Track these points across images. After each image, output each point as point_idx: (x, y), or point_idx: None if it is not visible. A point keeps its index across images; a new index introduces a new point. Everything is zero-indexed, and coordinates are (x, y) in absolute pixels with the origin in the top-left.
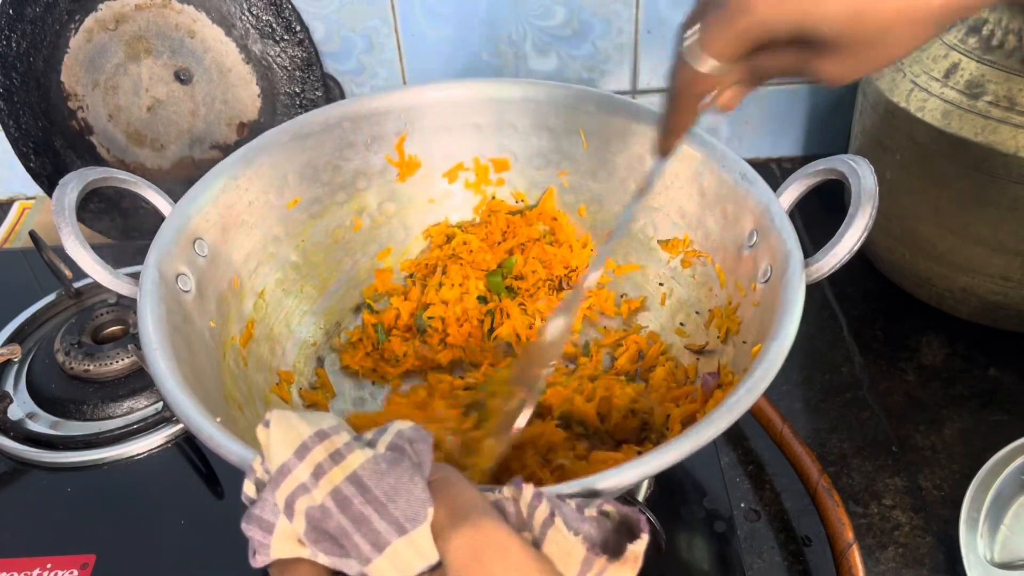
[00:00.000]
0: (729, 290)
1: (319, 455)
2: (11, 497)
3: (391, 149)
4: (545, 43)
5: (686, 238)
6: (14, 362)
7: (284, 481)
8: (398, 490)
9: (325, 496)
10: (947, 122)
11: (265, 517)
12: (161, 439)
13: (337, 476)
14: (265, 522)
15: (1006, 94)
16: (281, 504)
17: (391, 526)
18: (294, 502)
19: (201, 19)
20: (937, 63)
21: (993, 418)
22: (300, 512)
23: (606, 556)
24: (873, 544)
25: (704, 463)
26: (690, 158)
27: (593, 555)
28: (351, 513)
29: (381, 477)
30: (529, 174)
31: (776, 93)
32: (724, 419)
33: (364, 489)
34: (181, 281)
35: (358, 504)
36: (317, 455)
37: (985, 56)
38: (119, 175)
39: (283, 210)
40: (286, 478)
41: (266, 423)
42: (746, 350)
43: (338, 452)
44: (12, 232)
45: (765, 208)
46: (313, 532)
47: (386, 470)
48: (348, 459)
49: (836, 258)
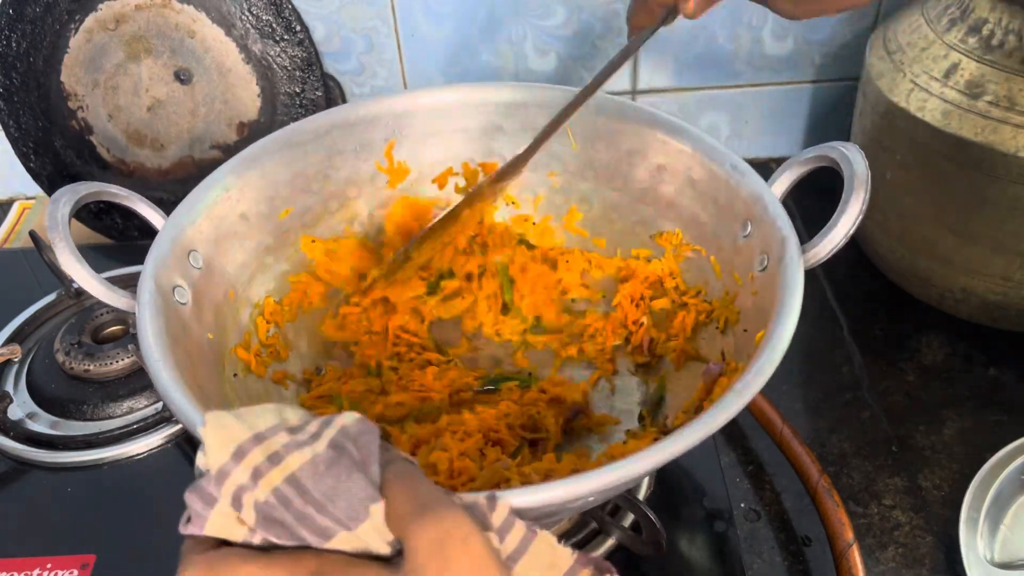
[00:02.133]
0: (725, 281)
1: (256, 458)
2: (11, 497)
3: (380, 156)
4: (545, 43)
5: (679, 232)
6: (14, 362)
7: (225, 482)
8: (337, 491)
9: (267, 494)
10: (947, 122)
11: (209, 490)
12: (161, 439)
13: (276, 477)
14: (207, 495)
15: (1006, 94)
16: (228, 501)
17: (334, 523)
18: (240, 497)
19: (201, 19)
20: (937, 63)
21: (993, 418)
22: (248, 505)
23: (591, 568)
24: (873, 544)
25: (704, 463)
26: (679, 152)
27: (580, 566)
28: (293, 511)
29: (320, 479)
30: (519, 176)
31: (776, 93)
32: (735, 404)
33: (302, 490)
34: (178, 293)
35: (298, 505)
36: (254, 458)
37: (985, 56)
38: (112, 189)
39: (275, 220)
40: (226, 480)
41: (203, 423)
42: (748, 338)
43: (276, 454)
44: (12, 232)
45: (758, 197)
46: (264, 520)
47: (324, 472)
48: (287, 460)
49: (832, 243)
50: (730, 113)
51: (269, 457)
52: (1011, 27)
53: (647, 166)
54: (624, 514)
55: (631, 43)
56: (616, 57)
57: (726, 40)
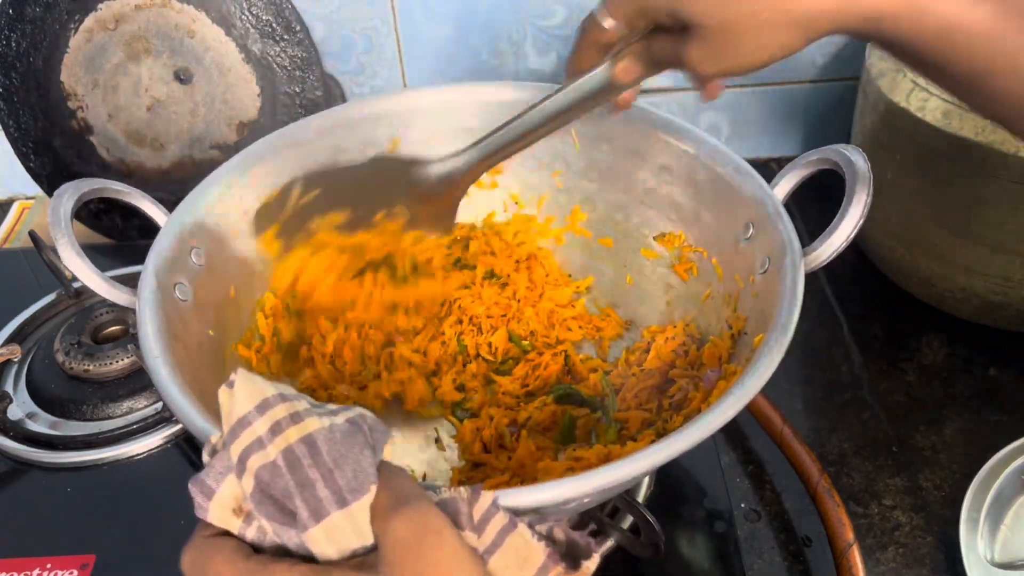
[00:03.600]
0: (727, 283)
1: (280, 412)
2: (11, 497)
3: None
4: (545, 43)
5: (681, 234)
6: (14, 362)
7: (243, 433)
8: (347, 457)
9: (278, 453)
10: (947, 122)
11: (208, 483)
12: (161, 439)
13: (293, 435)
14: (207, 487)
15: None
16: (235, 458)
17: (333, 495)
18: (248, 458)
19: (201, 19)
20: None
21: (993, 418)
22: (251, 470)
23: (564, 565)
24: (873, 544)
25: (704, 463)
26: (682, 154)
27: (552, 562)
28: (298, 475)
29: (333, 443)
30: (522, 176)
31: (776, 93)
32: (732, 408)
33: (315, 451)
34: (179, 290)
35: (306, 466)
36: (278, 412)
37: None
38: (114, 186)
39: None
40: (245, 430)
41: (230, 383)
42: (746, 342)
43: (297, 414)
44: (12, 232)
45: (760, 200)
46: (259, 494)
47: (339, 439)
48: (306, 421)
49: (833, 246)
50: (730, 113)
51: (291, 415)
52: None
53: (650, 167)
54: (623, 515)
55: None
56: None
57: None
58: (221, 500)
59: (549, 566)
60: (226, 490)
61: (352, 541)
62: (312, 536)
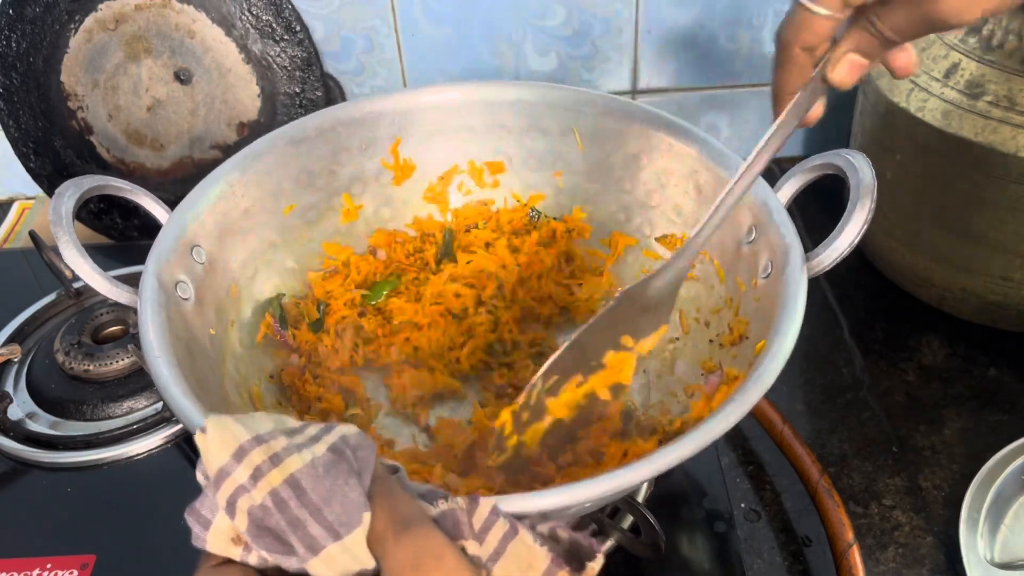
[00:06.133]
0: (728, 286)
1: (257, 457)
2: (11, 497)
3: (386, 153)
4: (545, 43)
5: (683, 236)
6: (14, 362)
7: (224, 483)
8: (333, 493)
9: (264, 496)
10: (947, 122)
11: (204, 513)
12: (161, 439)
13: (276, 478)
14: (203, 518)
15: (1006, 94)
16: (223, 504)
17: (326, 531)
18: (236, 501)
19: (201, 19)
20: (937, 63)
21: (993, 418)
22: (242, 510)
23: (568, 568)
24: (873, 544)
25: (704, 463)
26: (685, 155)
27: (556, 566)
28: (288, 516)
29: (317, 480)
30: (524, 176)
31: None
32: (734, 414)
33: (300, 492)
34: (180, 289)
35: (293, 507)
36: (255, 458)
37: (985, 56)
38: (115, 183)
39: (279, 216)
40: (225, 480)
41: (203, 429)
42: (748, 347)
43: (276, 455)
44: (12, 232)
45: (763, 203)
46: (255, 529)
47: (322, 474)
48: (286, 462)
49: (836, 252)
50: (730, 113)
51: (271, 457)
52: (1011, 27)
53: (653, 168)
54: (623, 515)
55: (787, 115)
56: (770, 138)
57: (726, 40)
58: (218, 531)
59: (554, 571)
60: (222, 522)
61: (352, 566)
62: (313, 566)
